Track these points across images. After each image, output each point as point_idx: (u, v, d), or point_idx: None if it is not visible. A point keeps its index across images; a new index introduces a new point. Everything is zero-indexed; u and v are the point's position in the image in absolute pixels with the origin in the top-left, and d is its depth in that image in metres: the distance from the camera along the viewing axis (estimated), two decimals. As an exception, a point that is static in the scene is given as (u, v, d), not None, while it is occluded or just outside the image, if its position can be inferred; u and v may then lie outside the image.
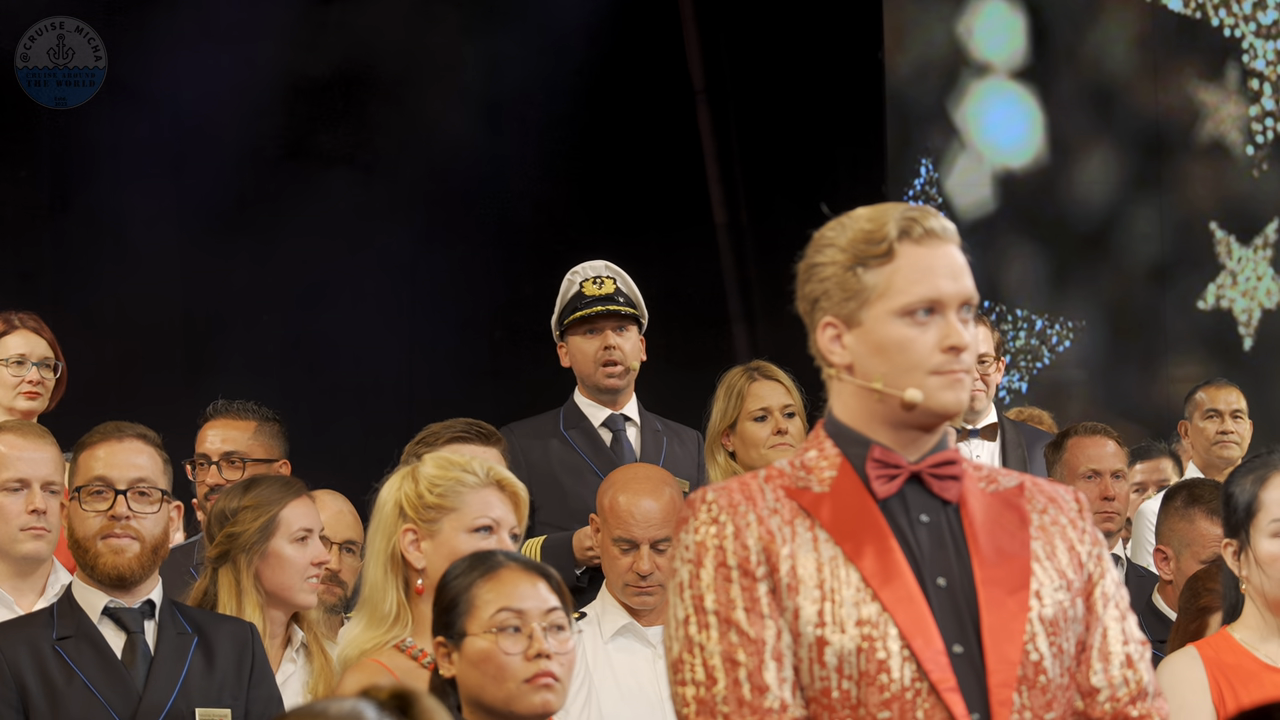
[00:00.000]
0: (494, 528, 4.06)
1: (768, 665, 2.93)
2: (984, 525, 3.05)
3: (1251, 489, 4.35)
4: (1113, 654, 3.08)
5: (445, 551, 4.00)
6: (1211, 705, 4.30)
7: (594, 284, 6.07)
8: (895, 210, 3.06)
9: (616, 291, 6.06)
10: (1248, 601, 4.38)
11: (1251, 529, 4.34)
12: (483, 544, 3.99)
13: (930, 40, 10.71)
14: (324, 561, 4.86)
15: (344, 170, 9.61)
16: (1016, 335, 10.56)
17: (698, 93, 10.40)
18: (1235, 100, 10.73)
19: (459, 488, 4.06)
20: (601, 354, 6.05)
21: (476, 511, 4.05)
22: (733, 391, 5.93)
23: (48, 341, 6.20)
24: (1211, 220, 10.68)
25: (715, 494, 3.02)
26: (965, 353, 3.03)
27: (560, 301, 6.13)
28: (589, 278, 6.09)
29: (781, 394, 5.90)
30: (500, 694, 3.60)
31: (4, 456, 4.97)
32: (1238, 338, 10.66)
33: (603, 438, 6.11)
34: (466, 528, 4.04)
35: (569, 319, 6.07)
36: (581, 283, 6.08)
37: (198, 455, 5.92)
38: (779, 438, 5.84)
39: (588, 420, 6.12)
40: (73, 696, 4.28)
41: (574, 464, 6.00)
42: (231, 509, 4.85)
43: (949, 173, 10.66)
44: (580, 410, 6.14)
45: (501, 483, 4.12)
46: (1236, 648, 4.38)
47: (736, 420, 5.92)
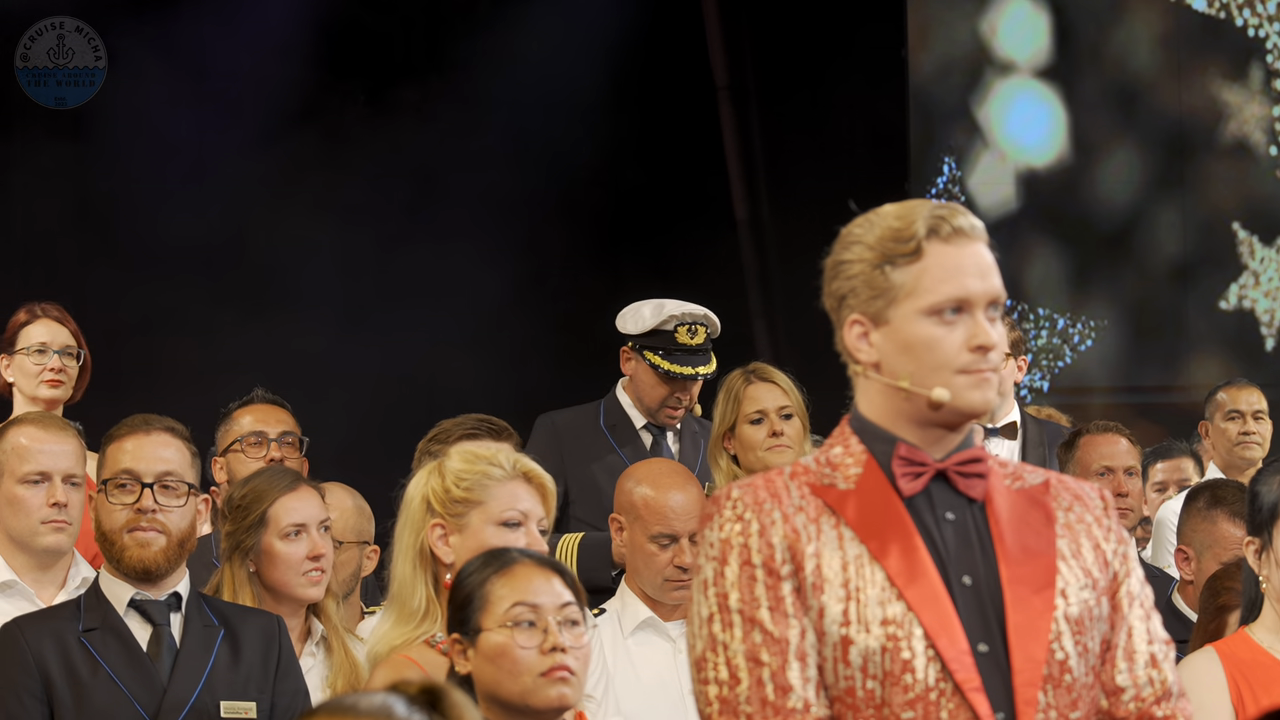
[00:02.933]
0: (522, 520, 4.04)
1: (791, 665, 2.92)
2: (1009, 523, 3.04)
3: (1279, 490, 4.35)
4: (1138, 653, 3.07)
5: (474, 545, 3.97)
6: (1230, 705, 4.29)
7: (688, 332, 6.08)
8: (923, 208, 3.04)
9: (707, 340, 6.10)
10: (1267, 601, 4.38)
11: (1275, 529, 4.34)
12: (511, 537, 3.98)
13: (954, 38, 10.70)
14: (320, 555, 4.84)
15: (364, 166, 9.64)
16: (1038, 334, 10.55)
17: (720, 89, 10.40)
18: (1259, 101, 10.71)
19: (486, 481, 4.05)
20: (671, 399, 6.12)
21: (504, 504, 4.04)
22: (730, 394, 5.91)
23: (70, 331, 6.22)
24: (1234, 220, 10.67)
25: (740, 491, 3.01)
26: (993, 352, 3.02)
27: (647, 323, 6.10)
28: (685, 324, 6.09)
29: (778, 396, 5.86)
30: (516, 688, 3.59)
31: (25, 449, 4.97)
32: (1260, 338, 10.64)
33: (644, 440, 6.12)
34: (494, 521, 4.03)
35: (650, 355, 6.08)
36: (676, 327, 6.08)
37: (251, 434, 5.87)
38: (775, 440, 5.81)
39: (630, 421, 6.14)
40: (98, 688, 4.28)
41: (613, 463, 6.00)
42: (231, 504, 4.86)
43: (972, 171, 10.65)
44: (623, 409, 6.15)
45: (528, 474, 4.10)
46: (1255, 648, 4.38)
47: (735, 423, 5.90)
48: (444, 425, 5.14)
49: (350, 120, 9.67)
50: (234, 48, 9.37)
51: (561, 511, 5.87)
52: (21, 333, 6.19)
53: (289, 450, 5.80)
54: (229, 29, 9.41)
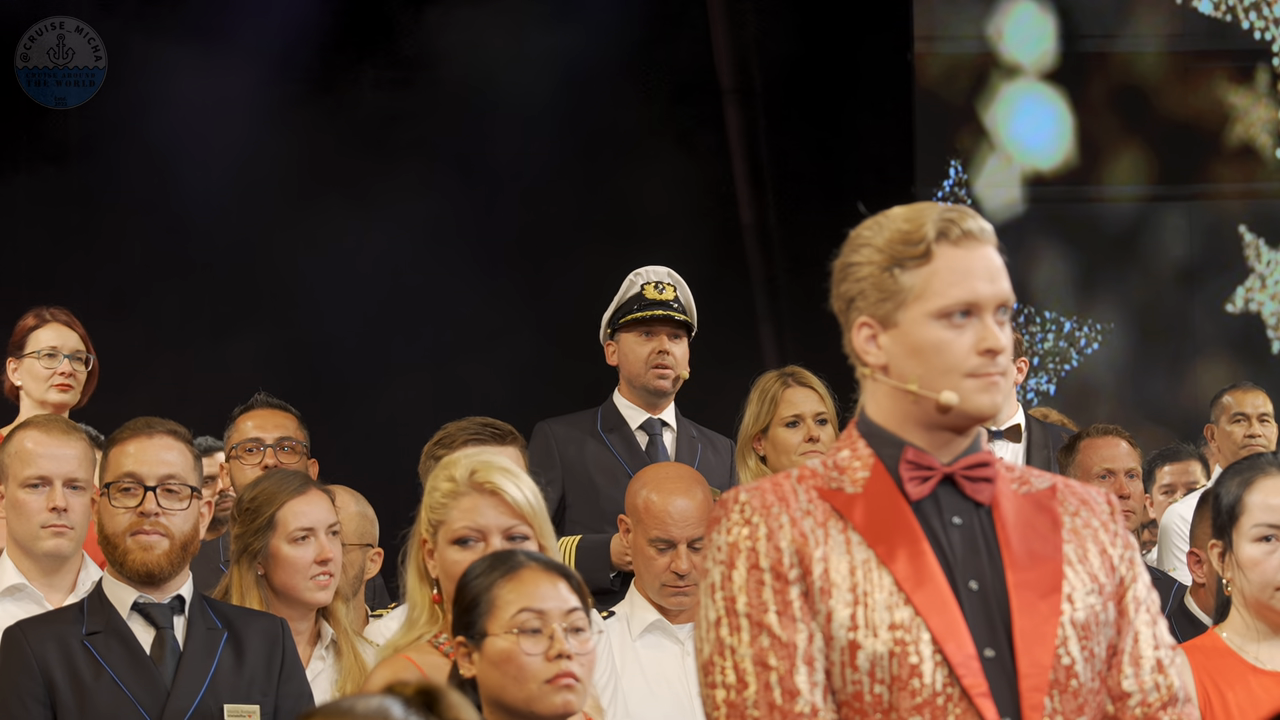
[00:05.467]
0: (479, 536, 3.95)
1: (799, 669, 2.92)
2: (1016, 528, 3.04)
3: (1236, 491, 4.38)
4: (1144, 659, 3.06)
5: (442, 567, 3.96)
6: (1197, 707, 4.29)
7: (655, 289, 6.09)
8: (933, 211, 3.04)
9: (675, 299, 6.09)
10: (1233, 603, 4.40)
11: (1235, 532, 4.36)
12: (466, 556, 3.90)
13: (960, 41, 10.70)
14: (328, 559, 4.83)
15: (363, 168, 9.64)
16: (1045, 337, 10.54)
17: (726, 92, 10.39)
18: (1265, 103, 10.70)
19: (444, 499, 4.01)
20: (655, 357, 6.10)
21: (456, 522, 3.98)
22: (766, 396, 5.93)
23: (79, 335, 6.22)
24: (1241, 223, 10.66)
25: (748, 494, 3.00)
26: (1001, 355, 3.02)
27: (618, 300, 6.14)
28: (651, 281, 6.11)
29: (815, 401, 5.89)
30: (521, 694, 3.59)
31: (27, 453, 4.96)
32: (1266, 341, 10.64)
33: (639, 441, 6.12)
34: (450, 540, 3.97)
35: (625, 318, 6.09)
36: (643, 285, 6.11)
37: (248, 441, 5.87)
38: (810, 445, 5.83)
39: (626, 423, 6.14)
40: (101, 692, 4.28)
41: (609, 465, 6.01)
42: (240, 507, 4.86)
43: (978, 174, 10.65)
44: (619, 412, 6.15)
45: (483, 485, 3.98)
46: (1224, 649, 4.40)
47: (769, 425, 5.91)
48: (449, 429, 5.13)
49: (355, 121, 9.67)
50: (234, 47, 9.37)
51: (559, 515, 5.87)
52: (30, 337, 6.19)
53: (287, 456, 5.79)
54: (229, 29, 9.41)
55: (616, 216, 9.85)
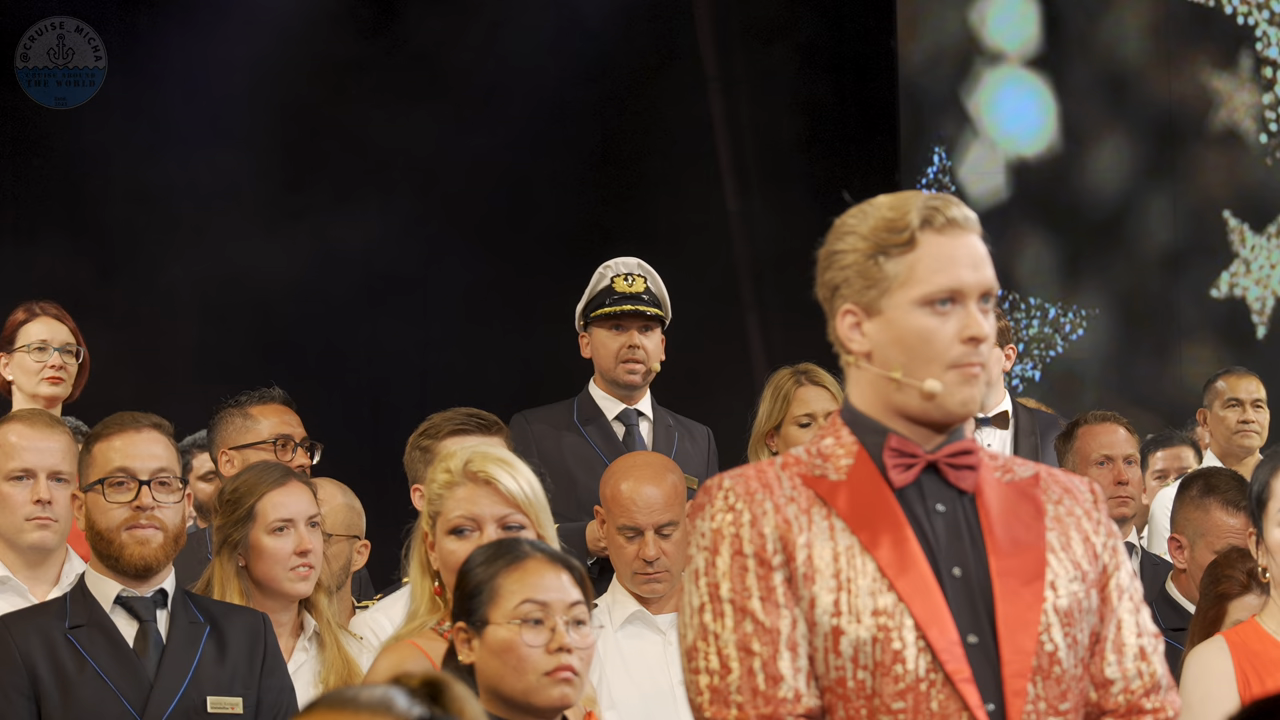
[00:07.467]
0: (473, 525, 3.99)
1: (782, 655, 2.92)
2: (999, 515, 3.04)
3: (1263, 478, 4.38)
4: (1127, 646, 3.07)
5: (440, 557, 4.00)
6: (1238, 695, 4.29)
7: (625, 280, 6.08)
8: (917, 199, 3.04)
9: (646, 291, 6.09)
10: (1271, 590, 4.39)
11: (1263, 518, 4.35)
12: (462, 545, 3.94)
13: (943, 28, 10.70)
14: (308, 550, 4.83)
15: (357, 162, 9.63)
16: (1030, 324, 10.55)
17: (710, 80, 10.39)
18: (1249, 88, 10.70)
19: (441, 490, 4.04)
20: (625, 351, 6.09)
21: (452, 512, 4.01)
22: (779, 394, 5.95)
23: (70, 328, 6.21)
24: (1225, 208, 10.66)
25: (732, 481, 3.01)
26: (984, 344, 3.02)
27: (589, 293, 6.14)
28: (621, 274, 6.10)
29: (827, 400, 5.90)
30: (519, 685, 3.59)
31: (11, 446, 4.97)
32: (1251, 326, 10.64)
33: (615, 431, 6.12)
34: (445, 530, 4.02)
35: (596, 312, 6.08)
36: (613, 278, 6.10)
37: (279, 436, 5.82)
38: None
39: (602, 414, 6.14)
40: (85, 685, 4.27)
41: (586, 456, 6.01)
42: (222, 499, 4.86)
43: (962, 161, 10.65)
44: (595, 403, 6.15)
45: (477, 475, 4.03)
46: (1264, 636, 4.39)
47: (781, 422, 5.93)
48: (434, 420, 5.13)
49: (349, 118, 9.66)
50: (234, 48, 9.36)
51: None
52: (20, 331, 6.19)
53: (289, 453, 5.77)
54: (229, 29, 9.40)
55: (600, 204, 9.85)
